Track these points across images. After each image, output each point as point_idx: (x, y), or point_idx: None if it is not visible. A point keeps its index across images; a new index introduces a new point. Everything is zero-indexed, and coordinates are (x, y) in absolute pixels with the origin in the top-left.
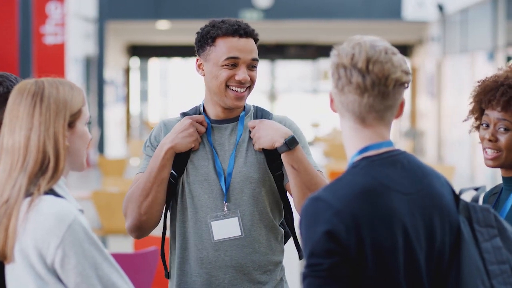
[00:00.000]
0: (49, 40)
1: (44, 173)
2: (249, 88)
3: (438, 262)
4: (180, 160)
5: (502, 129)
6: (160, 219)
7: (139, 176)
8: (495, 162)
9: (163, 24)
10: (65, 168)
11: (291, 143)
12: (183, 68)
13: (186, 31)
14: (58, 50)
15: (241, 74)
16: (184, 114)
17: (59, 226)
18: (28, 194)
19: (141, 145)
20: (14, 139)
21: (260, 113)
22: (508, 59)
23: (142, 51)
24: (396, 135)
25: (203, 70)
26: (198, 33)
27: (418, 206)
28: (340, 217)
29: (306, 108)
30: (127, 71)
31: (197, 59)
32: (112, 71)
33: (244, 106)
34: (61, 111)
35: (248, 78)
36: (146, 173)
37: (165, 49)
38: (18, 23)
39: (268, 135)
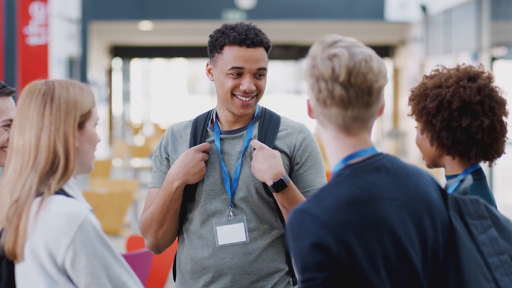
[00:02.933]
0: (33, 40)
1: (54, 172)
2: (257, 96)
3: (434, 263)
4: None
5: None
6: (176, 236)
7: (151, 191)
8: (426, 162)
9: (146, 25)
10: (75, 169)
11: (278, 187)
12: (165, 69)
13: (169, 32)
14: (42, 51)
15: (246, 84)
16: (196, 120)
17: (70, 226)
18: (39, 193)
19: (124, 146)
20: (25, 139)
21: (268, 118)
22: (493, 59)
23: (125, 52)
24: (379, 135)
25: (212, 75)
26: (210, 36)
27: (407, 210)
28: (328, 229)
29: (288, 109)
30: (109, 71)
31: (207, 64)
32: (94, 72)
33: (255, 113)
34: (71, 111)
35: (253, 88)
36: (158, 205)
37: (147, 50)
38: (3, 24)
39: (260, 170)
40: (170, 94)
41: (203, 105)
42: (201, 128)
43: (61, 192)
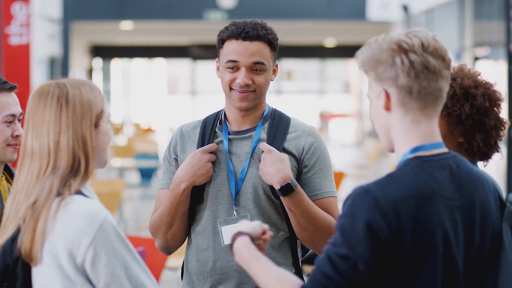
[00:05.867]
0: (14, 40)
1: (75, 175)
2: (255, 91)
3: (475, 266)
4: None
5: None
6: (186, 237)
7: (161, 192)
8: None
9: (126, 25)
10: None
11: (286, 191)
12: (145, 69)
13: (150, 32)
14: (23, 51)
15: (240, 77)
16: (205, 120)
17: (90, 226)
18: (58, 194)
19: None
20: (41, 143)
21: (278, 120)
22: (476, 59)
23: (105, 52)
24: (360, 135)
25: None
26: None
27: (460, 213)
28: (386, 219)
29: None
30: (90, 71)
31: (217, 61)
32: (75, 72)
33: (263, 113)
34: (87, 113)
35: (248, 82)
36: (166, 207)
37: (127, 49)
38: None
39: (268, 173)
40: (150, 94)
41: (183, 105)
42: (209, 129)
43: (78, 192)
